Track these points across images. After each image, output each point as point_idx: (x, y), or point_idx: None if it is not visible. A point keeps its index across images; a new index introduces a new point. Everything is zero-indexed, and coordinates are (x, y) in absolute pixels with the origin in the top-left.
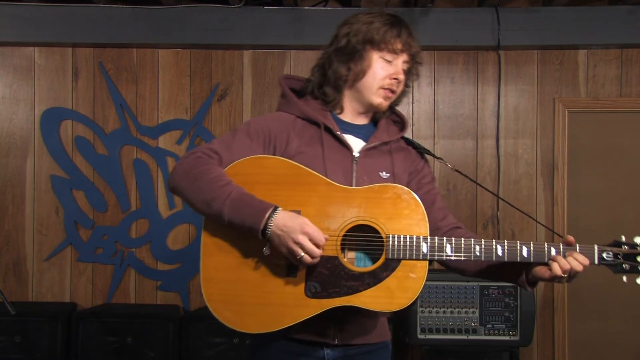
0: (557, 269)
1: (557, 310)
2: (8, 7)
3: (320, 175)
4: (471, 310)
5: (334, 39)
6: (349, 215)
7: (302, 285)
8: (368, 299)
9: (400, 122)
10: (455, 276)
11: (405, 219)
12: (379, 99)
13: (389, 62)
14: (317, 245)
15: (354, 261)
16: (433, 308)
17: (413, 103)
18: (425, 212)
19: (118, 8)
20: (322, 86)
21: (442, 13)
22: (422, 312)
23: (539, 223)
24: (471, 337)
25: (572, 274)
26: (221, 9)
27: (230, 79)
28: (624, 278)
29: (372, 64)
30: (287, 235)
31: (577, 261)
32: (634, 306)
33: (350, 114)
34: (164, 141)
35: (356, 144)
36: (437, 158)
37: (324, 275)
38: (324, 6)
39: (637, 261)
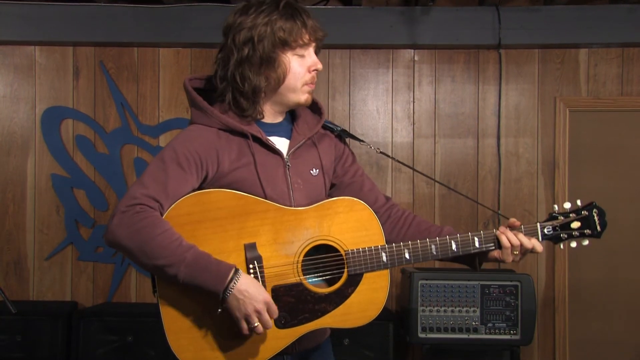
0: (505, 240)
1: (557, 309)
2: (9, 6)
3: (268, 201)
4: (472, 309)
5: (232, 45)
6: (304, 238)
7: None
8: (339, 318)
9: (315, 106)
10: (456, 275)
11: (360, 231)
12: (304, 96)
13: (302, 56)
14: (272, 317)
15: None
16: (434, 307)
17: (414, 102)
18: (379, 221)
19: (119, 7)
20: (235, 98)
21: (443, 12)
22: (423, 311)
23: (483, 205)
24: (472, 336)
25: (523, 250)
26: (222, 7)
27: None
28: (561, 246)
29: (289, 65)
30: (248, 301)
31: (525, 240)
32: (634, 305)
33: (272, 115)
34: (165, 140)
35: (282, 145)
36: (359, 140)
37: (291, 303)
38: (324, 5)
39: (571, 228)
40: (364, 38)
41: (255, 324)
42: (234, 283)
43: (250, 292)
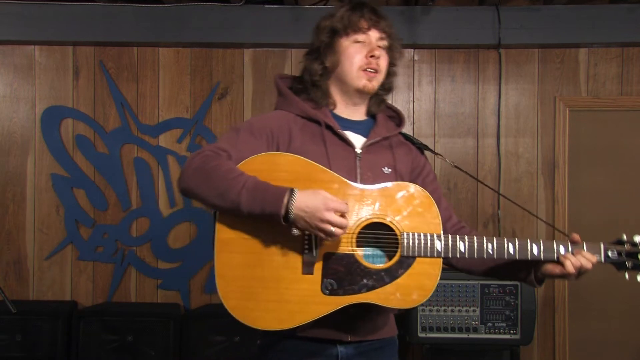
0: (569, 266)
1: (557, 309)
2: (9, 5)
3: (334, 173)
4: (472, 308)
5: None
6: (363, 213)
7: (319, 283)
8: (384, 296)
9: (397, 118)
10: (456, 274)
11: (418, 217)
12: (362, 81)
13: (361, 42)
14: (343, 216)
15: (363, 258)
16: (434, 306)
17: (414, 102)
18: (438, 211)
19: (119, 6)
20: (307, 91)
21: (443, 12)
22: (423, 310)
23: (541, 220)
24: (472, 335)
25: (581, 272)
26: (222, 7)
27: (230, 78)
28: (626, 275)
29: (344, 50)
30: (313, 214)
31: (585, 259)
32: (634, 305)
33: (345, 108)
34: (165, 140)
35: (357, 141)
36: (437, 154)
37: (340, 273)
38: (324, 4)
39: (638, 258)
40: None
41: (331, 231)
42: (292, 201)
43: (311, 205)
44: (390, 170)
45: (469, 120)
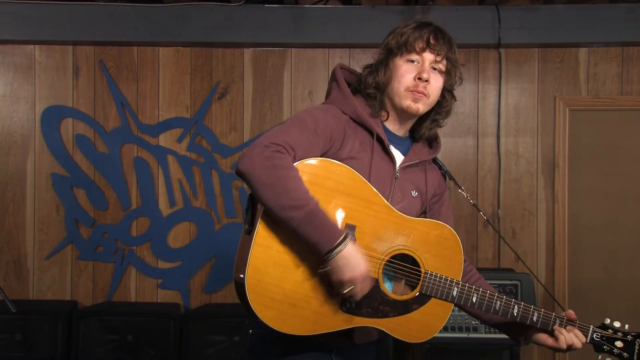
0: (562, 342)
1: (556, 309)
2: (9, 5)
3: (380, 196)
4: None
5: None
6: (396, 242)
7: (339, 299)
8: (393, 326)
9: (435, 142)
10: None
11: (444, 259)
12: (407, 102)
13: (413, 62)
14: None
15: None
16: None
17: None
18: (463, 259)
19: (119, 6)
20: (363, 95)
21: (443, 11)
22: None
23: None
24: (472, 335)
25: (571, 349)
26: (222, 7)
27: (230, 77)
28: (599, 357)
29: (396, 69)
30: (349, 269)
31: (577, 338)
32: (634, 304)
33: (393, 123)
34: (165, 139)
35: (398, 157)
36: (459, 187)
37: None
38: (324, 4)
39: (614, 345)
40: (364, 37)
41: (349, 290)
42: (343, 246)
43: (353, 261)
44: (417, 193)
45: (469, 120)
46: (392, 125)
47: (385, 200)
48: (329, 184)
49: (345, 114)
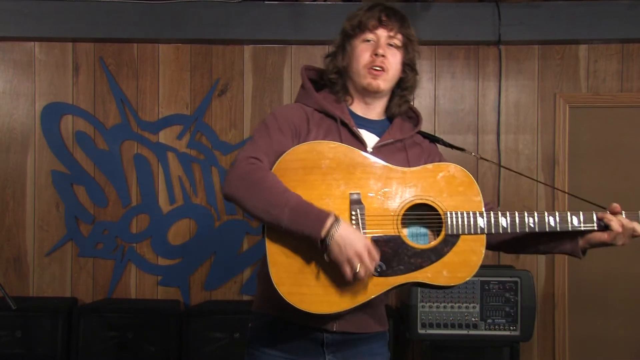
0: (617, 225)
1: (557, 305)
2: (8, 2)
3: (375, 158)
4: (472, 305)
5: None
6: (406, 195)
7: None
8: (432, 274)
9: (415, 118)
10: None
11: (460, 195)
12: (367, 80)
13: (368, 41)
14: (373, 260)
15: (408, 238)
16: (434, 303)
17: (414, 98)
18: (479, 189)
19: (118, 3)
20: (329, 82)
21: (443, 8)
22: (423, 307)
23: (590, 202)
24: (472, 332)
25: (631, 234)
26: (222, 4)
27: (230, 74)
28: None
29: (353, 50)
30: (349, 246)
31: (630, 222)
32: (634, 301)
33: (360, 106)
34: (165, 136)
35: (370, 140)
36: (459, 149)
37: (388, 254)
38: (324, 1)
39: None
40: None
41: (358, 269)
42: (335, 229)
43: (351, 238)
44: (396, 166)
45: (469, 117)
46: (359, 109)
47: (382, 161)
48: (320, 162)
49: (309, 107)
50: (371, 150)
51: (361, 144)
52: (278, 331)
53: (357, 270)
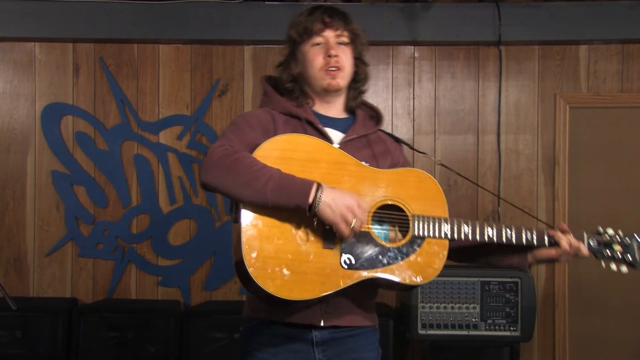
0: (566, 244)
1: (557, 305)
2: (8, 2)
3: (351, 156)
4: (472, 305)
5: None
6: (377, 195)
7: (338, 257)
8: (397, 272)
9: (376, 117)
10: (456, 272)
11: (427, 200)
12: (326, 81)
13: (318, 45)
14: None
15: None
16: (434, 303)
17: (414, 98)
18: (444, 196)
19: (118, 3)
20: (286, 89)
21: (443, 8)
22: (423, 307)
23: (539, 220)
24: (472, 332)
25: (575, 253)
26: (222, 4)
27: (231, 75)
28: (602, 264)
29: (305, 55)
30: (340, 203)
31: (575, 241)
32: (634, 302)
33: (321, 106)
34: (165, 137)
35: (336, 137)
36: (421, 152)
37: (358, 249)
38: (324, 1)
39: (613, 249)
40: (364, 34)
41: (353, 221)
42: (321, 192)
43: (338, 196)
44: (368, 165)
45: (469, 117)
46: (321, 109)
47: (355, 159)
48: (298, 155)
49: (275, 110)
50: (338, 146)
51: (328, 141)
52: (267, 334)
53: (353, 224)
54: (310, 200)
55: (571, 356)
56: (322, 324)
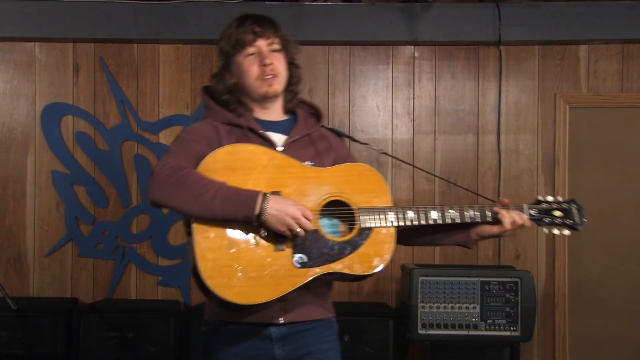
0: (507, 221)
1: (557, 305)
2: (9, 2)
3: (292, 159)
4: (472, 305)
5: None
6: (322, 193)
7: (290, 257)
8: (348, 264)
9: (316, 114)
10: (456, 272)
11: (370, 192)
12: (264, 89)
13: (252, 55)
14: (308, 220)
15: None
16: (434, 303)
17: (414, 98)
18: (387, 186)
19: (118, 3)
20: (224, 100)
21: (443, 8)
22: (423, 307)
23: (483, 197)
24: (472, 332)
25: (516, 227)
26: (222, 4)
27: None
28: (545, 230)
29: (240, 67)
30: (284, 212)
31: (518, 215)
32: (634, 302)
33: (260, 111)
34: (165, 137)
35: (279, 139)
36: (362, 143)
37: (309, 247)
38: (324, 1)
39: (554, 215)
40: (364, 34)
41: (297, 230)
42: (266, 203)
43: (284, 205)
44: (312, 163)
45: (469, 117)
46: (261, 115)
47: (298, 161)
48: (241, 164)
49: (217, 121)
50: (282, 148)
51: (271, 145)
52: (227, 334)
53: (297, 232)
54: (257, 210)
55: (571, 356)
56: (281, 321)
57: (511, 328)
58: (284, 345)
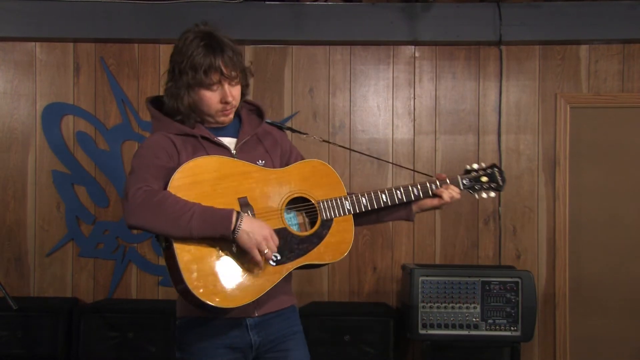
0: (447, 196)
1: (558, 305)
2: (9, 2)
3: (251, 164)
4: (472, 305)
5: (170, 70)
6: (284, 192)
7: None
8: (317, 255)
9: (257, 111)
10: (457, 272)
11: (326, 185)
12: (220, 119)
13: (214, 89)
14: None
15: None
16: (434, 303)
17: (414, 98)
18: (339, 176)
19: (119, 3)
20: (175, 113)
21: (444, 8)
22: (424, 307)
23: (421, 172)
24: (472, 332)
25: (453, 200)
26: (222, 4)
27: None
28: (476, 196)
29: (201, 97)
30: (257, 233)
31: (454, 190)
32: (634, 301)
33: (211, 123)
34: None
35: (231, 143)
36: (303, 133)
37: (280, 245)
38: (325, 1)
39: (481, 181)
40: (364, 34)
41: (266, 250)
42: (240, 222)
43: (256, 226)
44: (263, 162)
45: (470, 117)
46: (212, 124)
47: (257, 165)
48: (207, 176)
49: (170, 133)
50: (235, 151)
51: (225, 149)
52: (205, 325)
53: (266, 252)
54: (232, 228)
55: (572, 356)
56: (256, 314)
57: (512, 328)
58: (258, 332)
